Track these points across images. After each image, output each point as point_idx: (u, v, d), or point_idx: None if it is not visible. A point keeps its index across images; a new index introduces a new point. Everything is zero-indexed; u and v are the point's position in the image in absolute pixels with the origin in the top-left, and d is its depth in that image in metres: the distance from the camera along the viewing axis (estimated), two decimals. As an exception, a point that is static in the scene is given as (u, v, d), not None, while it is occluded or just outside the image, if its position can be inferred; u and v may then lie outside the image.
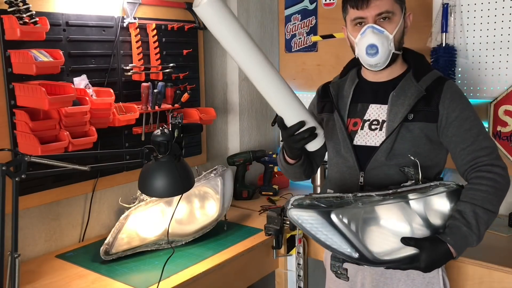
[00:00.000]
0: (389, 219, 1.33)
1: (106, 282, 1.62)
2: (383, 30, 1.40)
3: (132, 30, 2.03)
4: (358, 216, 1.31)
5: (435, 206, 1.36)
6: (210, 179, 2.00)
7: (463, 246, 1.34)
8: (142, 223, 1.83)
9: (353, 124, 1.52)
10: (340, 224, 1.30)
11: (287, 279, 2.10)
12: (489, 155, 1.39)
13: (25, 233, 1.80)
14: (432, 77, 1.47)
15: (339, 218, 1.30)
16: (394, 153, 1.44)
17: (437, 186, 1.36)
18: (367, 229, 1.32)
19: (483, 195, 1.34)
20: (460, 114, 1.42)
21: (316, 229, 1.32)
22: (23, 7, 1.61)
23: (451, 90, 1.44)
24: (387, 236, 1.34)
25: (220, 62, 2.58)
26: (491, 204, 1.35)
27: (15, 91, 1.67)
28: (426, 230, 1.35)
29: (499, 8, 2.03)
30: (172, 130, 1.38)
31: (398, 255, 1.34)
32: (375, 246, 1.34)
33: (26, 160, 1.20)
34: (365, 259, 1.34)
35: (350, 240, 1.32)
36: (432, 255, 1.32)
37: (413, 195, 1.34)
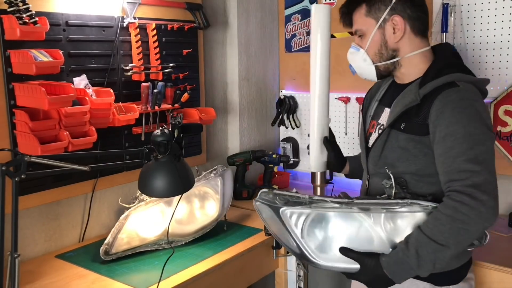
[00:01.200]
0: (335, 227, 1.35)
1: (106, 282, 1.62)
2: (358, 48, 1.46)
3: (132, 30, 2.03)
4: (306, 217, 1.36)
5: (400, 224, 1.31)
6: (210, 179, 2.00)
7: (398, 271, 1.27)
8: (142, 223, 1.82)
9: (372, 126, 1.54)
10: (287, 220, 1.36)
11: (287, 279, 2.10)
12: (463, 180, 1.22)
13: (25, 233, 1.80)
14: (436, 84, 1.32)
15: (286, 215, 1.36)
16: (385, 162, 1.41)
17: (408, 205, 1.30)
18: (312, 231, 1.36)
19: (435, 223, 1.23)
20: (445, 129, 1.27)
21: (271, 221, 1.40)
22: (23, 7, 1.61)
23: (444, 101, 1.28)
24: (331, 242, 1.36)
25: (220, 62, 2.58)
26: (440, 235, 1.22)
27: (15, 91, 1.67)
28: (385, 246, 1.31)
29: (499, 8, 2.03)
30: (172, 130, 1.38)
31: (340, 264, 1.35)
32: (317, 249, 1.36)
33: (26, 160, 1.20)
34: (307, 259, 1.38)
35: (294, 238, 1.37)
36: (369, 272, 1.30)
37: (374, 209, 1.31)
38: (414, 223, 1.30)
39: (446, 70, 1.35)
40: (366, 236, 1.33)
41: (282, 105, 2.77)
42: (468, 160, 1.22)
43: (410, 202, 1.30)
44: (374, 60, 1.45)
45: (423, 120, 1.32)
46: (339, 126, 2.62)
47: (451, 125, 1.26)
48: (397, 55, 1.43)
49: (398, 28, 1.40)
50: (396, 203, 1.31)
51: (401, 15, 1.39)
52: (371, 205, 1.33)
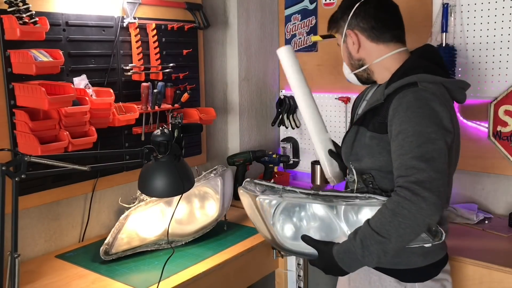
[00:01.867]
0: (304, 215, 1.48)
1: (106, 282, 1.62)
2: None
3: (132, 30, 2.03)
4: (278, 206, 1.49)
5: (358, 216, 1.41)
6: (210, 179, 2.00)
7: (346, 260, 1.33)
8: (142, 223, 1.82)
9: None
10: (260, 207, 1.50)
11: (287, 279, 2.10)
12: (408, 176, 1.25)
13: (25, 233, 1.80)
14: (399, 84, 1.38)
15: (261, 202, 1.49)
16: (355, 158, 1.48)
17: (366, 199, 1.39)
18: (281, 218, 1.49)
19: (380, 216, 1.28)
20: (397, 128, 1.32)
21: (248, 208, 1.55)
22: (23, 7, 1.61)
23: (400, 101, 1.34)
24: (298, 230, 1.49)
25: (220, 62, 2.58)
26: (382, 228, 1.26)
27: (15, 91, 1.67)
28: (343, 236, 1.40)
29: (499, 8, 2.03)
30: (172, 130, 1.38)
31: (303, 249, 1.46)
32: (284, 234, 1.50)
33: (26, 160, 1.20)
34: (276, 243, 1.52)
35: (265, 222, 1.50)
36: (325, 260, 1.39)
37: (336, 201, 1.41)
38: (358, 215, 1.40)
39: (412, 71, 1.39)
40: (330, 227, 1.44)
41: (282, 105, 2.77)
42: (414, 157, 1.26)
43: (368, 196, 1.39)
44: (351, 69, 1.58)
45: (383, 118, 1.39)
46: (339, 126, 2.62)
47: (403, 123, 1.31)
48: (364, 63, 1.53)
49: (353, 41, 1.51)
50: (356, 196, 1.40)
51: (354, 29, 1.50)
52: (334, 197, 1.42)
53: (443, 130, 1.30)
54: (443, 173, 1.26)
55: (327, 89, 2.65)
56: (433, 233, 1.33)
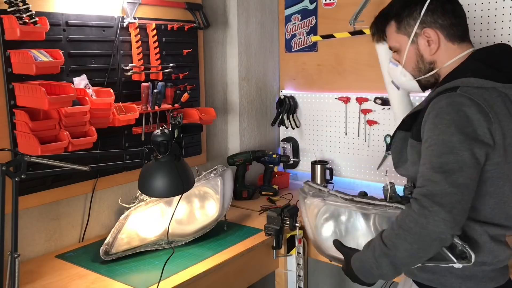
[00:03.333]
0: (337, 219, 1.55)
1: (106, 282, 1.62)
2: (396, 63, 1.47)
3: (132, 30, 2.03)
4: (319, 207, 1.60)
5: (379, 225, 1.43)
6: (210, 179, 2.00)
7: (360, 269, 1.31)
8: (142, 223, 1.82)
9: None
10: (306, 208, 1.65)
11: (287, 279, 2.10)
12: (421, 187, 1.18)
13: (25, 233, 1.80)
14: (441, 89, 1.28)
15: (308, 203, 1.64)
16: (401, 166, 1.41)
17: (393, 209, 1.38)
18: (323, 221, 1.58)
19: (389, 228, 1.25)
20: (425, 136, 1.24)
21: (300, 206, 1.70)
22: (23, 7, 1.61)
23: (432, 107, 1.25)
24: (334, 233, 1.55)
25: (220, 62, 2.58)
26: (389, 240, 1.22)
27: (15, 91, 1.67)
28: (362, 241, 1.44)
29: (499, 8, 2.03)
30: (172, 130, 1.38)
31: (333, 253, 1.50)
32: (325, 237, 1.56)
33: (26, 160, 1.20)
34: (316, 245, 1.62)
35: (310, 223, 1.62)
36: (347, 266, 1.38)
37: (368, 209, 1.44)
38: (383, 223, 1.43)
39: (459, 75, 1.29)
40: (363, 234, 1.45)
41: (282, 105, 2.77)
42: (432, 168, 1.18)
43: (395, 207, 1.37)
44: (414, 75, 1.42)
45: (419, 125, 1.29)
46: (339, 126, 2.62)
47: (429, 131, 1.23)
48: (435, 67, 1.38)
49: (432, 40, 1.35)
50: (385, 206, 1.39)
51: (433, 26, 1.35)
52: (365, 204, 1.44)
53: (472, 140, 1.17)
54: (462, 188, 1.15)
55: (327, 89, 2.65)
56: (457, 253, 1.22)
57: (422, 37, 1.36)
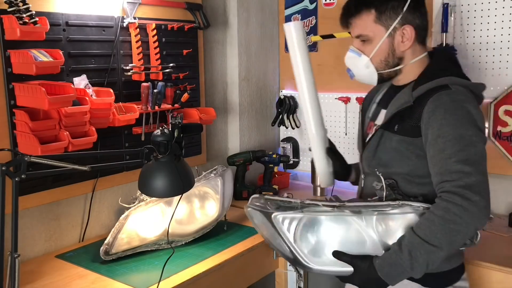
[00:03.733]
0: (330, 230, 1.37)
1: (106, 282, 1.62)
2: (360, 53, 1.44)
3: (132, 30, 2.03)
4: (298, 222, 1.38)
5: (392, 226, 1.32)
6: (210, 179, 2.00)
7: (392, 273, 1.27)
8: (142, 223, 1.82)
9: (369, 127, 1.56)
10: (279, 225, 1.39)
11: (287, 279, 2.10)
12: (455, 181, 1.22)
13: (25, 233, 1.80)
14: (429, 86, 1.34)
15: (279, 220, 1.39)
16: (378, 163, 1.43)
17: (400, 206, 1.32)
18: (305, 236, 1.38)
19: (428, 224, 1.24)
20: (436, 132, 1.28)
21: (263, 227, 1.45)
22: (23, 7, 1.61)
23: (436, 103, 1.30)
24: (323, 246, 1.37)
25: (220, 62, 2.58)
26: (433, 237, 1.22)
27: (15, 91, 1.67)
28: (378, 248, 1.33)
29: (499, 8, 2.03)
30: (172, 130, 1.38)
31: (333, 267, 1.37)
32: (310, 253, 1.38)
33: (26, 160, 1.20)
34: (300, 263, 1.40)
35: (287, 242, 1.39)
36: (364, 275, 1.31)
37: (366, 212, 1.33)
38: (405, 225, 1.31)
39: (440, 73, 1.36)
40: (359, 238, 1.34)
41: (282, 105, 2.77)
42: (460, 161, 1.23)
43: (401, 204, 1.32)
44: (378, 68, 1.44)
45: (416, 122, 1.34)
46: (339, 126, 2.62)
47: (442, 127, 1.27)
48: (401, 62, 1.43)
49: (407, 37, 1.39)
50: (388, 204, 1.33)
51: (412, 24, 1.39)
52: (362, 207, 1.34)
53: (481, 132, 1.28)
54: (487, 176, 1.24)
55: (327, 89, 2.65)
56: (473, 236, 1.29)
57: (399, 32, 1.39)
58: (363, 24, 1.41)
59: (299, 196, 2.42)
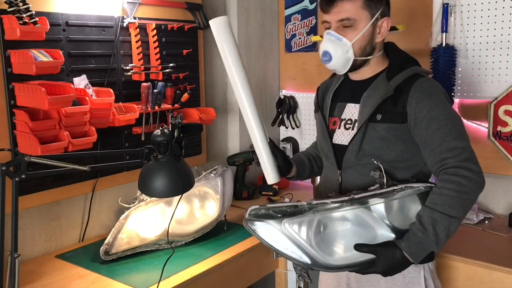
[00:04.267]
0: (343, 226, 1.36)
1: (106, 282, 1.62)
2: (341, 37, 1.43)
3: (132, 30, 2.03)
4: (310, 224, 1.35)
5: (400, 210, 1.37)
6: (210, 179, 2.00)
7: (419, 251, 1.32)
8: (142, 223, 1.82)
9: (333, 123, 1.57)
10: (292, 232, 1.34)
11: (287, 279, 2.10)
12: (457, 156, 1.33)
13: (25, 233, 1.80)
14: (404, 76, 1.43)
15: (290, 226, 1.34)
16: (364, 154, 1.46)
17: (403, 190, 1.37)
18: (320, 236, 1.35)
19: (444, 199, 1.31)
20: (427, 114, 1.37)
21: (271, 238, 1.35)
22: (23, 7, 1.61)
23: (420, 89, 1.40)
24: (342, 242, 1.36)
25: (220, 62, 2.58)
26: (451, 209, 1.30)
27: (15, 91, 1.67)
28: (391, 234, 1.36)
29: (499, 8, 2.03)
30: (172, 130, 1.38)
31: (354, 260, 1.36)
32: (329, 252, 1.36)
33: (26, 160, 1.20)
34: (319, 265, 1.35)
35: (302, 247, 1.34)
36: (388, 261, 1.33)
37: (373, 201, 1.35)
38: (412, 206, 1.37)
39: (407, 64, 1.46)
40: (371, 228, 1.37)
41: (282, 105, 2.77)
42: (455, 138, 1.35)
43: (404, 187, 1.37)
44: (356, 54, 1.45)
45: (402, 108, 1.40)
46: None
47: (432, 110, 1.37)
48: (372, 53, 1.48)
49: (384, 29, 1.46)
50: (392, 190, 1.37)
51: (386, 16, 1.47)
52: (369, 197, 1.37)
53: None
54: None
55: (327, 89, 2.65)
56: None
57: (379, 23, 1.45)
58: (351, 8, 1.41)
59: (299, 196, 2.44)
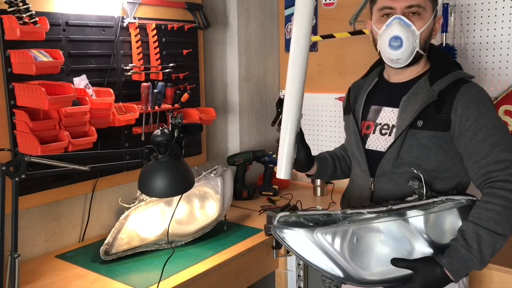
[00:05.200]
0: (380, 238, 1.28)
1: (106, 282, 1.62)
2: (410, 24, 1.34)
3: (132, 30, 2.03)
4: (345, 234, 1.27)
5: (440, 223, 1.28)
6: (210, 179, 2.00)
7: (461, 269, 1.24)
8: (142, 223, 1.82)
9: (367, 127, 1.49)
10: (324, 242, 1.26)
11: (287, 279, 2.10)
12: (505, 169, 1.25)
13: (25, 233, 1.80)
14: (449, 80, 1.35)
15: (323, 237, 1.26)
16: (402, 162, 1.37)
17: (443, 202, 1.29)
18: (355, 248, 1.27)
19: (490, 215, 1.23)
20: (474, 123, 1.29)
21: (301, 247, 1.28)
22: (23, 7, 1.61)
23: (466, 96, 1.31)
24: (377, 256, 1.28)
25: (220, 62, 2.58)
26: (498, 226, 1.22)
27: (15, 91, 1.67)
28: (429, 249, 1.28)
29: (499, 8, 2.03)
30: (172, 130, 1.38)
31: (389, 275, 1.28)
32: (363, 266, 1.28)
33: (26, 160, 1.20)
34: (352, 279, 1.28)
35: (335, 259, 1.27)
36: (427, 278, 1.25)
37: (412, 212, 1.27)
38: (451, 220, 1.29)
39: (450, 68, 1.38)
40: (407, 241, 1.29)
41: (282, 105, 2.76)
42: (503, 150, 1.27)
43: (445, 199, 1.30)
44: (420, 46, 1.37)
45: (446, 115, 1.32)
46: (339, 126, 2.62)
47: (480, 118, 1.30)
48: (427, 49, 1.41)
49: (438, 27, 1.41)
50: (433, 202, 1.29)
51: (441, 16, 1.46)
52: (407, 209, 1.29)
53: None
54: None
55: (327, 89, 2.65)
56: None
57: (436, 20, 1.40)
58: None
59: (299, 196, 2.44)
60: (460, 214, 1.29)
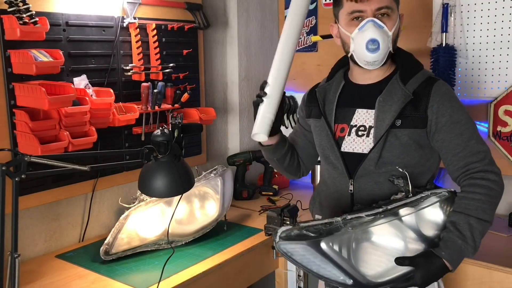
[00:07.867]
0: (381, 239, 1.30)
1: (106, 282, 1.62)
2: (383, 25, 1.35)
3: (132, 30, 2.03)
4: (349, 241, 1.27)
5: (429, 218, 1.33)
6: (210, 179, 2.00)
7: (458, 259, 1.29)
8: (142, 223, 1.82)
9: (340, 130, 1.48)
10: (331, 252, 1.26)
11: (287, 279, 2.10)
12: (482, 160, 1.33)
13: (25, 233, 1.80)
14: (420, 79, 1.40)
15: (330, 246, 1.26)
16: (383, 161, 1.39)
17: (429, 197, 1.33)
18: (360, 253, 1.28)
19: (477, 204, 1.29)
20: (450, 119, 1.35)
21: (308, 260, 1.28)
22: (23, 7, 1.61)
23: (440, 93, 1.37)
24: (381, 257, 1.30)
25: (220, 62, 2.58)
26: (485, 214, 1.29)
27: (15, 91, 1.67)
28: (421, 244, 1.32)
29: (499, 8, 2.03)
30: (172, 130, 1.38)
31: (392, 274, 1.30)
32: (368, 269, 1.29)
33: (26, 160, 1.20)
34: (360, 285, 1.29)
35: (343, 267, 1.27)
36: (428, 272, 1.28)
37: (405, 210, 1.31)
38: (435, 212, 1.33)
39: (417, 67, 1.44)
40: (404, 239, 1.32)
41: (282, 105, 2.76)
42: (478, 142, 1.35)
43: (430, 194, 1.34)
44: (391, 47, 1.38)
45: (423, 113, 1.37)
46: (339, 126, 2.62)
47: (454, 114, 1.35)
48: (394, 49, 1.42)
49: (401, 23, 1.43)
50: (420, 197, 1.34)
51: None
52: (400, 207, 1.32)
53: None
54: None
55: (327, 89, 2.65)
56: None
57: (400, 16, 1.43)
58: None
59: (299, 196, 2.44)
60: (441, 207, 1.34)
